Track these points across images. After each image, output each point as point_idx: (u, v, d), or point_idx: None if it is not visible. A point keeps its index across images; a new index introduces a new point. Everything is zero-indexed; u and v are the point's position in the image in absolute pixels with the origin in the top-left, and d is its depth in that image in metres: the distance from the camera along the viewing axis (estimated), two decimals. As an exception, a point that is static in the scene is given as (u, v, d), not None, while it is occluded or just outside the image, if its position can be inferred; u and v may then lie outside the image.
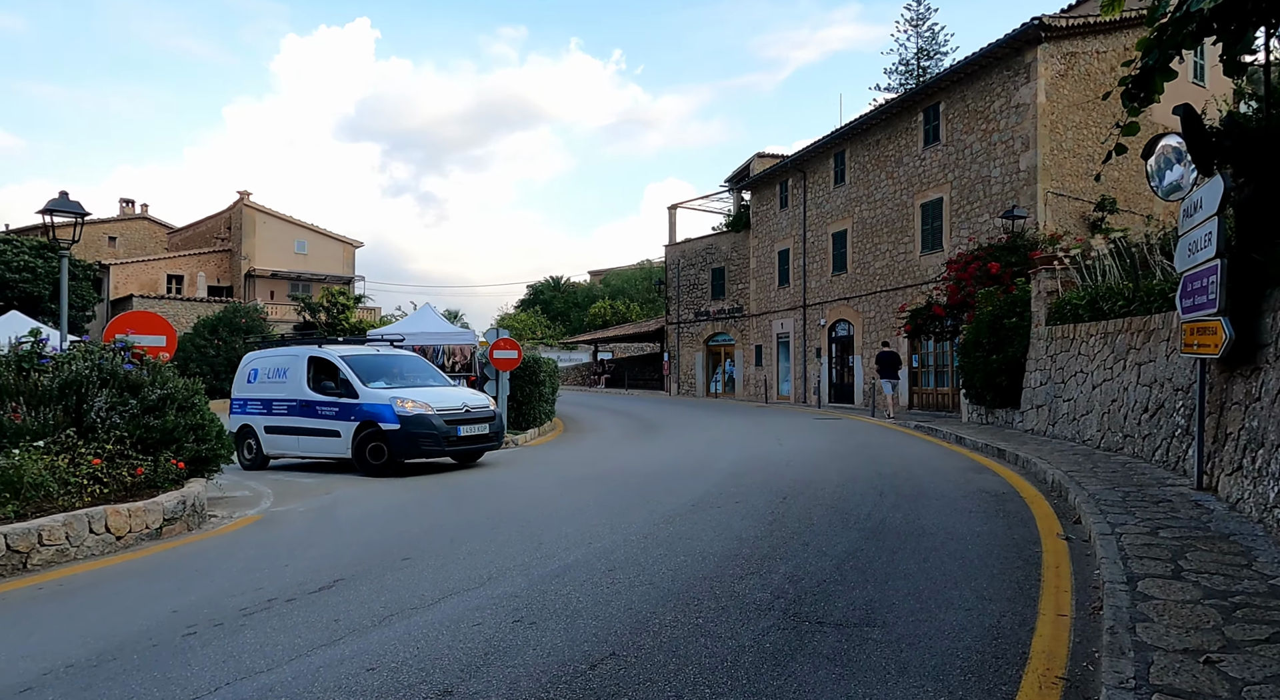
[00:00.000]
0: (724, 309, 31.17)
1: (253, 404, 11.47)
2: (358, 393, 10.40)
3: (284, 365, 11.31)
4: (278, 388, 11.23)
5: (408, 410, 10.06)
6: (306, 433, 10.82)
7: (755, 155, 30.79)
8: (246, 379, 11.76)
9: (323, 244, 43.92)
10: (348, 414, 10.36)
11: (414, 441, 10.05)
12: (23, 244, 33.72)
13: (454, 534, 6.04)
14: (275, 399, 11.18)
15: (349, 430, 10.31)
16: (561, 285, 69.99)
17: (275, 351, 11.85)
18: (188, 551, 5.60)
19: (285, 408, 11.04)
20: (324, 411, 10.62)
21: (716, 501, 7.20)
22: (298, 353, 11.30)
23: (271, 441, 11.22)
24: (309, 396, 10.82)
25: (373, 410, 10.16)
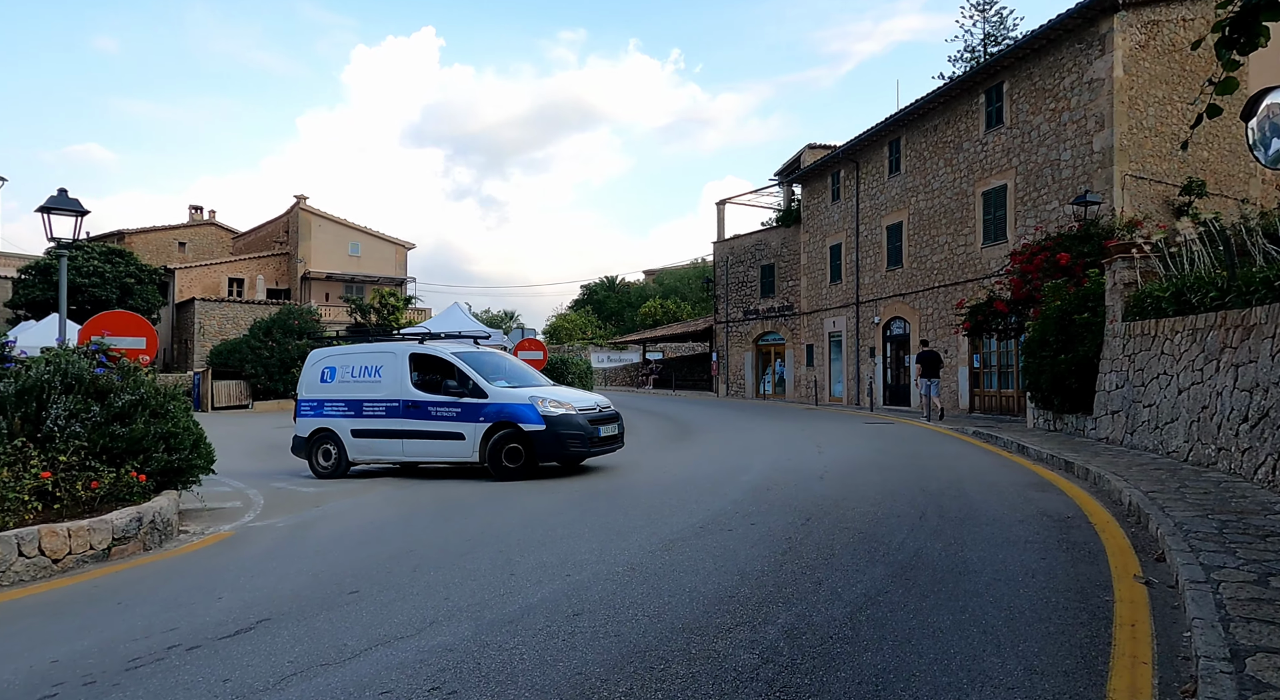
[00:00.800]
0: (774, 307, 30.03)
1: (332, 406, 10.59)
2: (486, 392, 9.81)
3: (375, 363, 10.51)
4: (369, 388, 10.42)
5: (552, 410, 9.60)
6: (415, 436, 10.05)
7: (806, 146, 29.55)
8: (319, 378, 10.83)
9: (375, 246, 44.49)
10: (474, 415, 9.73)
11: (561, 443, 9.55)
12: (93, 250, 35.04)
13: (422, 560, 5.37)
14: (367, 400, 10.37)
15: (476, 432, 9.68)
16: (616, 285, 69.61)
17: (358, 348, 10.97)
18: (127, 578, 5.08)
19: (383, 409, 10.25)
20: (440, 412, 9.92)
21: (729, 523, 6.34)
22: (395, 349, 10.56)
23: (362, 446, 10.39)
24: (416, 396, 10.09)
25: (510, 410, 9.62)
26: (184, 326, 39.49)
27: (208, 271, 42.34)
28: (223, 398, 32.55)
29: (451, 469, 10.73)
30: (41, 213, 8.69)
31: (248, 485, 9.80)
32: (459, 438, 9.84)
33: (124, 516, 5.56)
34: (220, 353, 33.61)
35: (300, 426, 10.78)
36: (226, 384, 32.92)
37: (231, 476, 10.83)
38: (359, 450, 10.43)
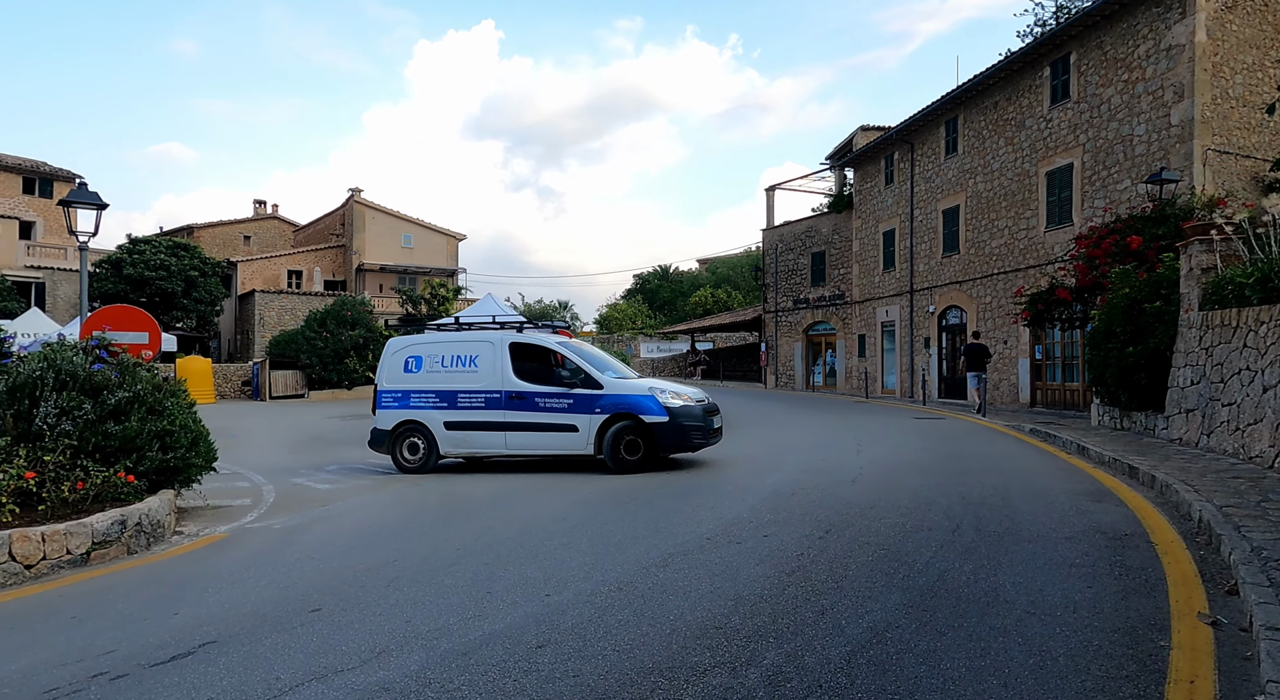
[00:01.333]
0: (824, 296, 29.05)
1: (421, 397, 10.13)
2: (601, 383, 9.61)
3: (470, 352, 10.10)
4: (464, 378, 10.02)
5: (673, 402, 9.46)
6: (520, 428, 9.75)
7: (859, 128, 28.39)
8: (403, 368, 10.32)
9: (427, 237, 45.01)
10: (589, 406, 9.52)
11: (685, 435, 9.42)
12: (159, 244, 36.31)
13: (401, 572, 5.04)
14: (462, 391, 9.97)
15: (590, 424, 9.48)
16: (669, 274, 69.01)
17: (448, 337, 10.52)
18: (96, 587, 4.90)
19: (481, 400, 9.87)
20: (549, 404, 9.66)
21: (739, 534, 5.83)
22: (492, 338, 10.15)
23: (456, 439, 10.01)
24: (521, 387, 9.77)
25: (630, 402, 9.44)
26: (245, 317, 40.74)
27: (268, 264, 43.54)
28: (279, 387, 33.40)
29: (530, 462, 10.34)
30: (62, 206, 8.72)
31: (268, 480, 9.73)
32: (571, 430, 9.61)
33: (105, 520, 5.41)
34: (278, 343, 34.51)
35: (381, 419, 10.27)
36: (283, 374, 33.78)
37: (258, 470, 10.85)
38: (452, 443, 10.05)
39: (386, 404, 10.32)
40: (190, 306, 35.98)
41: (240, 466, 11.29)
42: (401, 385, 10.30)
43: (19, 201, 39.61)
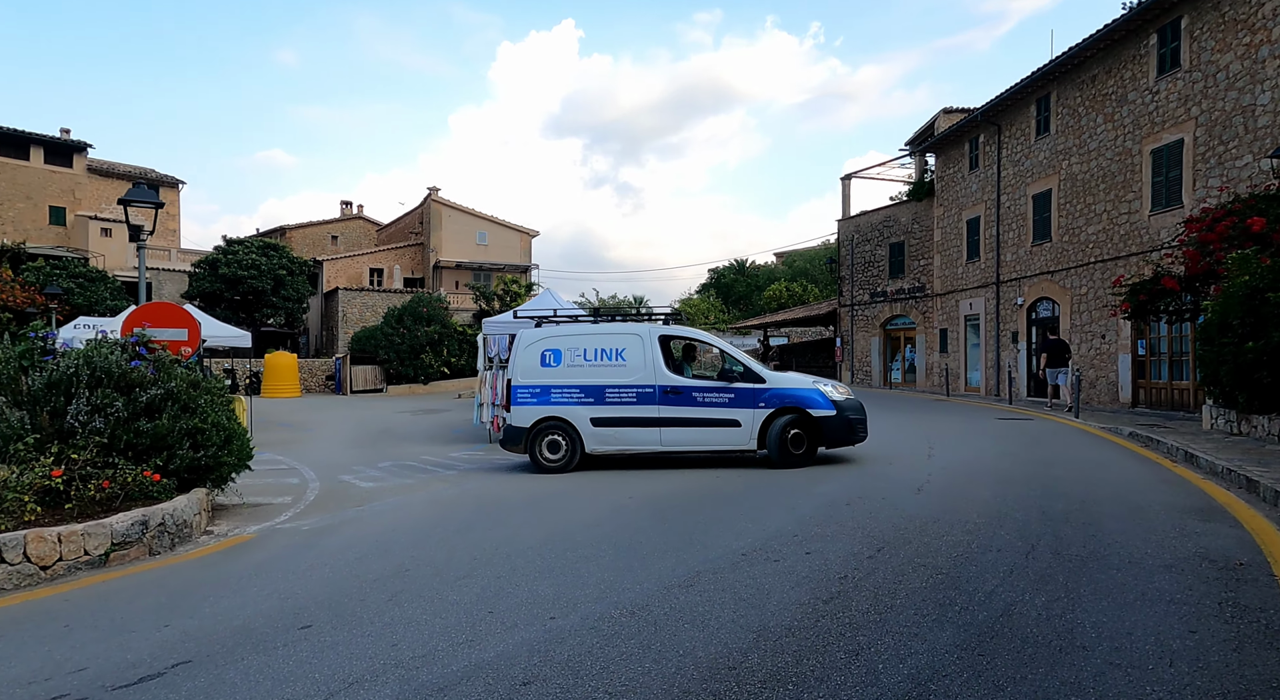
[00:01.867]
0: (903, 288, 27.67)
1: (563, 392, 9.68)
2: (763, 377, 9.53)
3: (616, 345, 9.72)
4: (611, 372, 9.64)
5: (838, 395, 9.55)
6: (677, 423, 9.47)
7: (941, 111, 26.87)
8: (540, 362, 9.82)
9: (501, 234, 45.64)
10: (752, 400, 9.38)
11: (852, 429, 9.50)
12: (251, 244, 38.08)
13: (407, 585, 4.74)
14: (610, 385, 9.60)
15: (754, 419, 9.34)
16: (746, 268, 67.87)
17: (589, 329, 10.08)
18: (101, 592, 4.80)
19: (633, 395, 9.53)
20: (709, 398, 9.44)
21: (779, 550, 5.28)
22: (639, 331, 9.83)
23: (605, 436, 9.60)
24: (676, 381, 9.52)
25: (796, 396, 9.40)
26: (330, 314, 42.33)
27: (351, 262, 45.10)
28: (360, 382, 34.50)
29: (614, 460, 10.00)
30: (121, 204, 8.95)
31: (318, 476, 9.76)
32: (733, 425, 9.43)
33: (124, 520, 5.35)
34: (358, 339, 35.65)
35: (518, 416, 9.72)
36: (363, 369, 34.87)
37: (314, 465, 10.96)
38: (600, 440, 9.65)
39: (524, 400, 9.77)
40: (279, 304, 37.58)
41: (300, 461, 11.44)
42: (540, 380, 9.78)
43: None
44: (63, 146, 38.34)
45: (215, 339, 16.62)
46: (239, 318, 36.59)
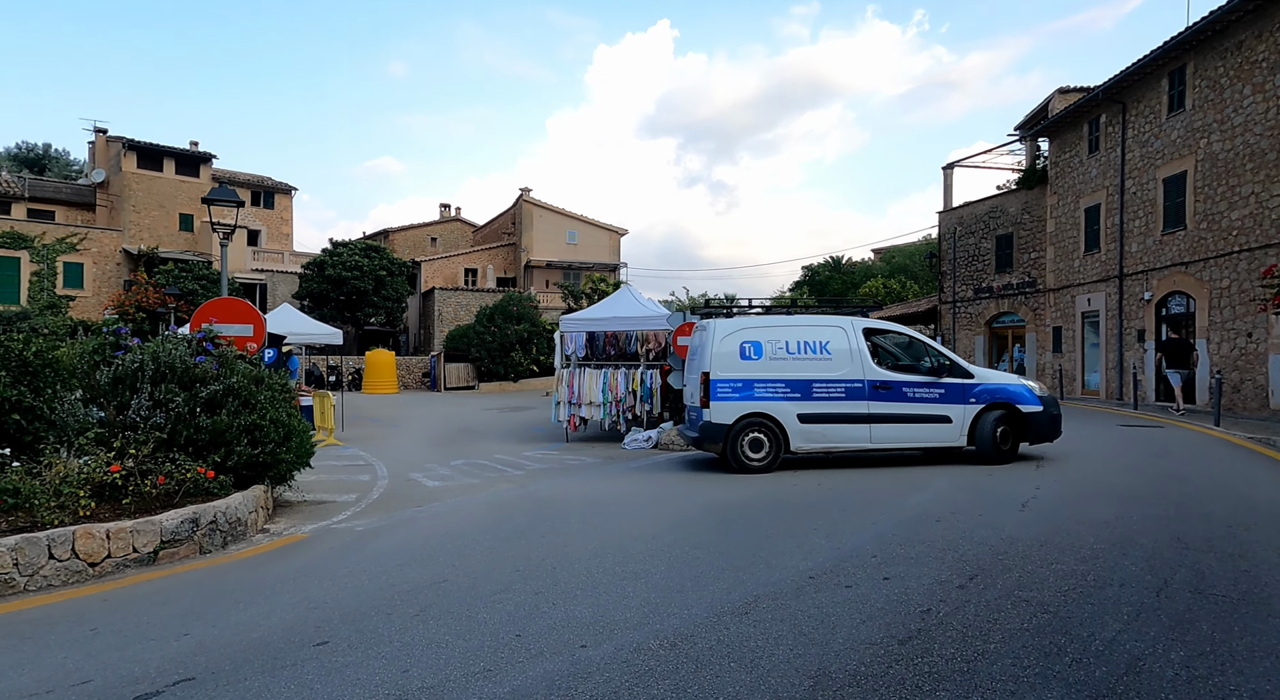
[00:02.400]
0: (1011, 283, 25.75)
1: (768, 387, 9.15)
2: (971, 372, 9.44)
3: (819, 338, 9.31)
4: (816, 365, 9.22)
5: (1043, 392, 9.55)
6: (888, 420, 9.15)
7: (1055, 92, 24.80)
8: (739, 354, 9.28)
9: (591, 233, 45.89)
10: (962, 396, 9.25)
11: (1055, 424, 9.51)
12: (355, 246, 39.82)
13: (439, 598, 4.42)
14: (818, 380, 9.18)
15: (965, 414, 9.21)
16: (842, 265, 65.76)
17: (789, 320, 9.68)
18: (140, 592, 4.68)
19: (841, 390, 9.15)
20: (919, 394, 9.20)
21: (852, 573, 4.64)
22: (842, 323, 9.48)
23: (812, 433, 9.13)
24: (885, 376, 9.21)
25: (1006, 391, 9.36)
26: (427, 313, 43.74)
27: (447, 263, 46.47)
28: (453, 379, 35.39)
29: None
30: (205, 203, 9.19)
31: (390, 472, 9.74)
32: (944, 421, 9.23)
33: (174, 518, 5.31)
34: (452, 337, 36.61)
35: (719, 412, 9.09)
36: (456, 366, 35.76)
37: (389, 460, 11.04)
38: (806, 438, 9.15)
39: (724, 395, 9.16)
40: (380, 303, 39.09)
41: (378, 456, 11.55)
42: (741, 373, 9.21)
43: (247, 213, 45.16)
44: (191, 158, 41.25)
45: (309, 336, 17.19)
46: (343, 317, 38.29)
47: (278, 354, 11.06)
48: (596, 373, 13.26)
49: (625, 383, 13.08)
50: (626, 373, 13.17)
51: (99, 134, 42.04)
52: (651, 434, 12.40)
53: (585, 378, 13.26)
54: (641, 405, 13.04)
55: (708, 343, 9.38)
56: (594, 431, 14.31)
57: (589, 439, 13.59)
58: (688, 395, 10.21)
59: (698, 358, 9.62)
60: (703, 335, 9.60)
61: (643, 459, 10.81)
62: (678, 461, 10.36)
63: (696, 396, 9.49)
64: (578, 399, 13.33)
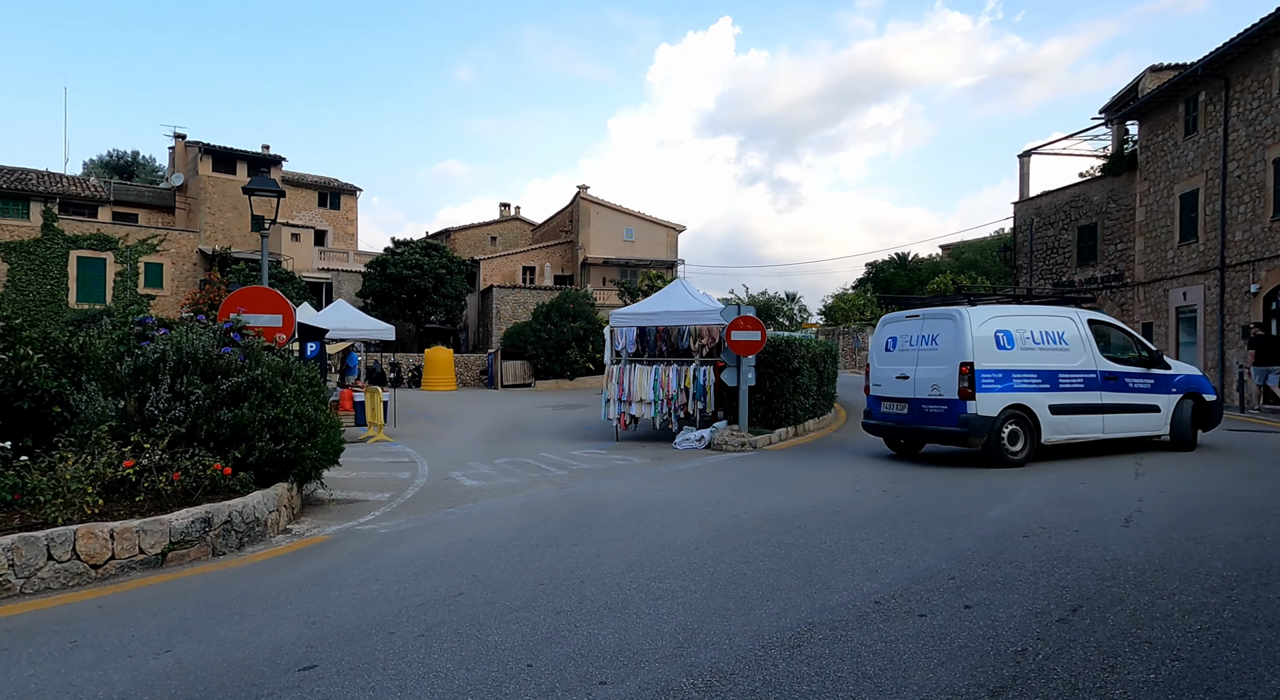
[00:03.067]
0: (1094, 277, 24.06)
1: (1023, 378, 8.88)
2: (1168, 363, 9.81)
3: (1056, 328, 9.23)
4: (1058, 356, 9.09)
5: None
6: (1115, 410, 9.18)
7: (1147, 70, 23.03)
8: (995, 344, 8.85)
9: (648, 230, 45.44)
10: (1167, 386, 9.65)
11: (1220, 414, 10.05)
12: (415, 245, 40.37)
13: (449, 616, 3.94)
14: (1063, 370, 9.04)
15: (1169, 404, 9.60)
16: (908, 262, 63.63)
17: (1029, 310, 9.68)
18: (138, 598, 4.30)
19: (1080, 381, 9.08)
20: (1136, 384, 9.43)
21: (927, 598, 3.95)
22: (1068, 313, 9.56)
23: (1059, 424, 8.95)
24: (1110, 367, 9.28)
25: (1195, 381, 9.89)
26: (486, 311, 44.04)
27: (506, 261, 46.73)
28: (510, 377, 35.42)
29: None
30: (245, 193, 9.04)
31: (431, 469, 9.40)
32: (1154, 411, 9.53)
33: (185, 517, 4.99)
34: (509, 335, 36.66)
35: (984, 403, 8.62)
36: (513, 364, 35.78)
37: (433, 457, 10.75)
38: (1055, 429, 8.93)
39: (988, 386, 8.69)
40: (439, 301, 39.50)
41: (423, 453, 11.28)
42: (999, 364, 8.82)
43: (315, 214, 46.37)
44: (262, 161, 42.53)
45: (361, 332, 17.19)
46: (405, 315, 38.81)
47: (320, 348, 10.88)
48: (647, 369, 12.72)
49: (677, 380, 12.50)
50: (679, 369, 12.59)
51: (178, 139, 43.81)
52: (704, 434, 11.78)
53: (636, 374, 12.73)
54: (694, 403, 12.44)
55: (962, 331, 8.80)
56: (645, 430, 13.78)
57: (639, 438, 13.06)
58: (914, 386, 9.26)
59: (941, 347, 9.00)
60: (949, 324, 9.02)
61: (694, 460, 10.21)
62: (730, 463, 9.72)
63: (949, 387, 8.77)
64: (628, 396, 12.81)
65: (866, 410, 10.22)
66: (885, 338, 9.99)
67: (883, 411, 9.77)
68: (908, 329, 9.59)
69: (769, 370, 12.27)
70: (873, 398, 9.97)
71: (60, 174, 40.42)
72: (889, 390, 9.62)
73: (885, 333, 10.05)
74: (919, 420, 9.16)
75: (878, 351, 10.05)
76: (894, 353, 9.68)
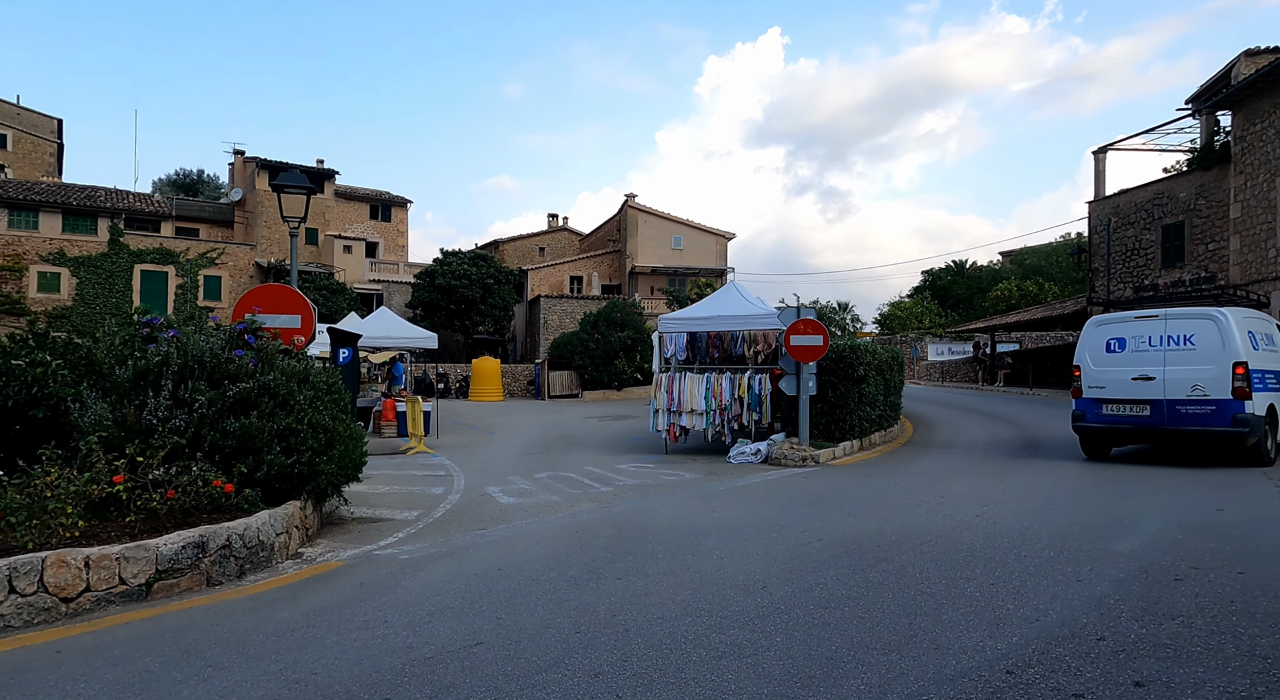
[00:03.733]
0: (1182, 280, 22.28)
1: (1273, 377, 9.30)
2: None
3: (1266, 330, 9.69)
4: (1276, 358, 9.56)
5: None
6: None
7: (1242, 54, 21.30)
8: (1251, 344, 9.10)
9: (697, 238, 44.64)
10: None
11: None
12: (463, 255, 40.38)
13: (457, 677, 3.17)
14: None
15: None
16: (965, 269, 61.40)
17: (1242, 312, 9.82)
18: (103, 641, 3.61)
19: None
20: None
21: (1079, 666, 3.01)
22: (1267, 317, 10.15)
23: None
24: None
25: None
26: (533, 321, 43.75)
27: (553, 271, 46.44)
28: (556, 387, 34.91)
29: None
30: (275, 189, 8.58)
31: (467, 484, 8.73)
32: None
33: (174, 542, 4.35)
34: (557, 345, 36.21)
35: (1259, 403, 8.80)
36: (560, 374, 35.28)
37: (472, 469, 10.14)
38: None
39: (1257, 386, 8.79)
40: (487, 311, 39.37)
41: (462, 466, 10.67)
42: (1257, 364, 8.96)
43: (366, 226, 46.93)
44: (316, 175, 43.23)
45: (403, 340, 16.80)
46: (453, 325, 38.73)
47: (352, 355, 10.36)
48: (698, 377, 11.88)
49: (731, 388, 11.63)
50: (732, 377, 11.72)
51: (237, 155, 44.89)
52: (760, 447, 10.87)
53: (686, 383, 11.90)
54: (749, 414, 11.54)
55: (1229, 331, 8.81)
56: (696, 442, 12.92)
57: (690, 451, 12.21)
58: (1164, 387, 9.08)
59: (1200, 347, 8.94)
60: (1208, 324, 9.00)
61: (751, 476, 9.32)
62: (792, 480, 8.81)
63: (1217, 387, 8.70)
64: (678, 407, 11.98)
65: (1077, 413, 9.92)
66: (1105, 339, 9.72)
67: (1106, 413, 9.51)
68: (1143, 330, 9.38)
69: (831, 378, 11.30)
70: (1088, 401, 9.72)
71: (126, 191, 41.73)
72: (1119, 392, 9.38)
73: (1103, 334, 9.79)
74: (1170, 421, 8.93)
75: (1094, 353, 9.80)
76: (1124, 354, 9.45)
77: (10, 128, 46.25)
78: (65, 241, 34.29)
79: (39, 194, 34.56)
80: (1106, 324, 9.88)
